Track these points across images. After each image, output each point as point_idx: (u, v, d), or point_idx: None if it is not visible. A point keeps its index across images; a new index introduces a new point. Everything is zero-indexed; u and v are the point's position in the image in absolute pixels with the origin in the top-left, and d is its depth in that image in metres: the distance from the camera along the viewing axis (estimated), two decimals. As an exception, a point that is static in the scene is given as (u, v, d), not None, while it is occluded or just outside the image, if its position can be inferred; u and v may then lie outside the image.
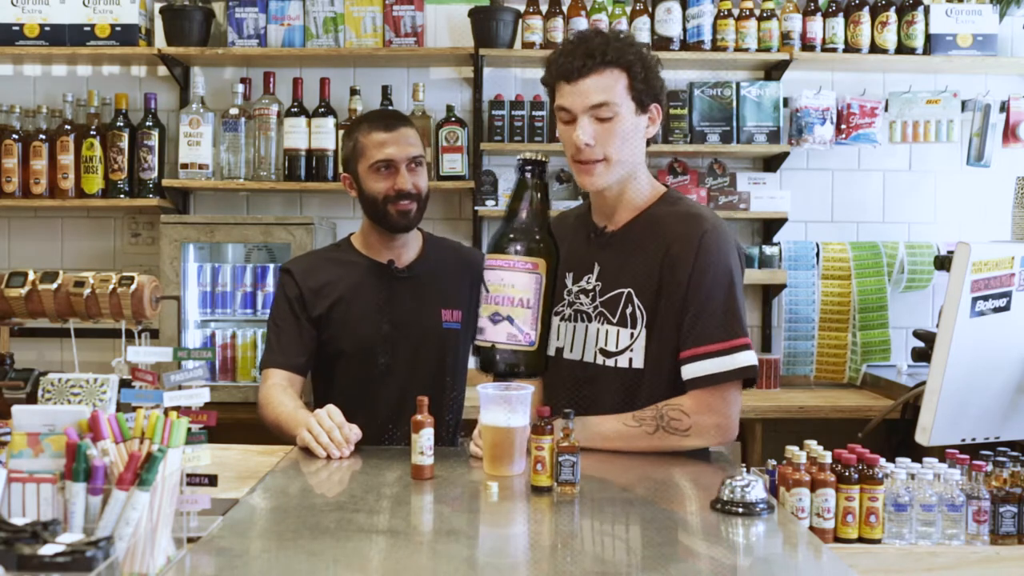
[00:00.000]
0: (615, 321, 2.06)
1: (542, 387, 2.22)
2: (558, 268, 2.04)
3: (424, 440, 1.84)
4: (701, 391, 1.98)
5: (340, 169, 2.54)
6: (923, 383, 2.23)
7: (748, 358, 1.98)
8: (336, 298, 2.42)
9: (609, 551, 1.49)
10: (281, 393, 2.29)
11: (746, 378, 2.00)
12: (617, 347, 2.06)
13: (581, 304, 2.12)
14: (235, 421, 2.18)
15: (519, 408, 1.86)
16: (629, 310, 2.05)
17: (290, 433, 2.16)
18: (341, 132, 3.75)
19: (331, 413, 2.06)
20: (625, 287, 2.06)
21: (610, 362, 2.07)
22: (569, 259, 2.15)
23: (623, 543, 1.55)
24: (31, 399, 2.20)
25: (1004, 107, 3.83)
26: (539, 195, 2.00)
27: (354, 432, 2.04)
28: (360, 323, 2.41)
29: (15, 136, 3.75)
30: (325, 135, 3.75)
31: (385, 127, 2.40)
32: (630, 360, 2.05)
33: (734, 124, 3.82)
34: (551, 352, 2.15)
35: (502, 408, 1.85)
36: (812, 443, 1.96)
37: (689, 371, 1.99)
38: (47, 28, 3.73)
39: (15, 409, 1.32)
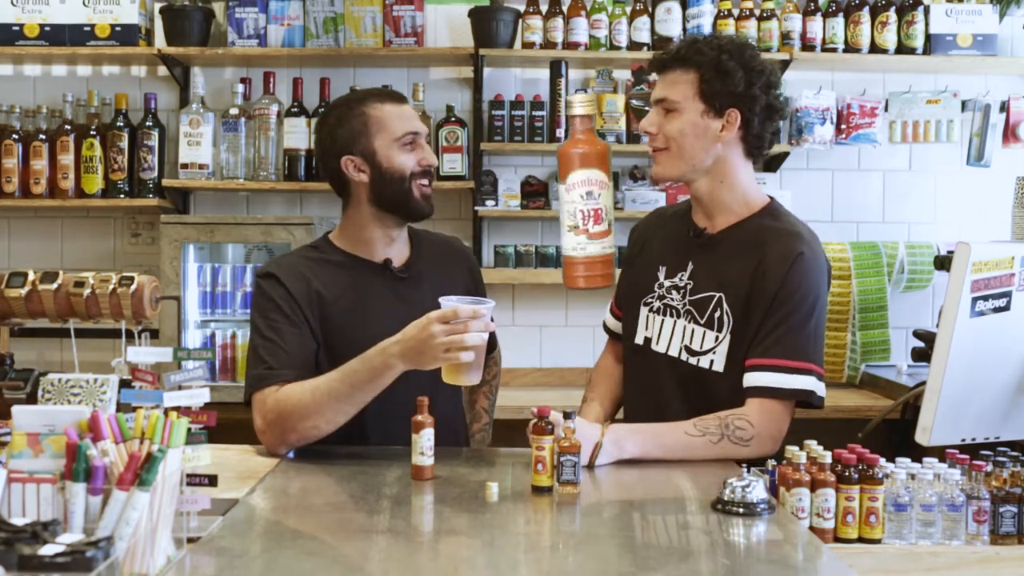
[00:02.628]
0: (702, 322, 2.12)
1: (624, 377, 2.30)
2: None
3: (424, 440, 1.84)
4: (763, 401, 2.02)
5: (324, 158, 2.26)
6: (923, 383, 2.23)
7: (815, 384, 2.04)
8: (335, 305, 2.16)
9: (610, 551, 1.49)
10: (300, 387, 2.01)
11: (806, 401, 2.05)
12: (702, 347, 2.12)
13: (671, 299, 2.18)
14: (235, 421, 2.16)
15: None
16: (717, 314, 2.11)
17: (370, 384, 1.97)
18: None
19: (441, 317, 1.88)
20: (716, 291, 2.12)
21: (693, 360, 2.13)
22: (663, 253, 2.23)
23: (624, 543, 1.55)
24: (31, 399, 2.20)
25: (1004, 107, 3.82)
26: None
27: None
28: (367, 329, 2.11)
29: (15, 136, 3.75)
30: (325, 135, 3.74)
31: (398, 101, 2.26)
32: (711, 362, 2.11)
33: (734, 124, 3.82)
34: (639, 341, 2.23)
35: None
36: (812, 443, 1.96)
37: (753, 379, 2.04)
38: (47, 28, 3.73)
39: (15, 409, 1.32)
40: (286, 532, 1.59)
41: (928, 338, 3.37)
